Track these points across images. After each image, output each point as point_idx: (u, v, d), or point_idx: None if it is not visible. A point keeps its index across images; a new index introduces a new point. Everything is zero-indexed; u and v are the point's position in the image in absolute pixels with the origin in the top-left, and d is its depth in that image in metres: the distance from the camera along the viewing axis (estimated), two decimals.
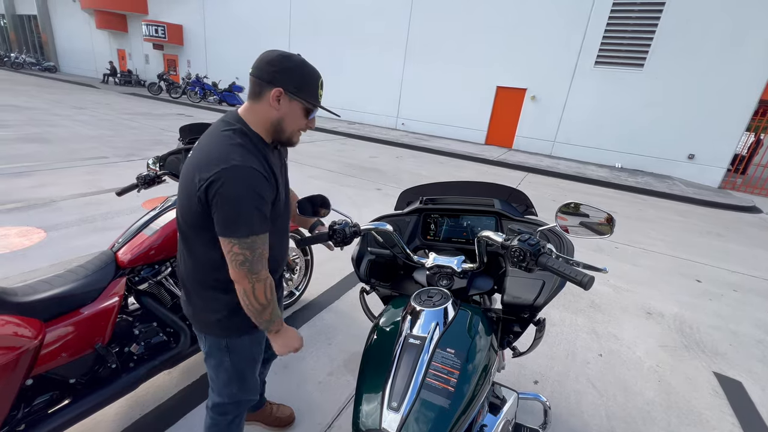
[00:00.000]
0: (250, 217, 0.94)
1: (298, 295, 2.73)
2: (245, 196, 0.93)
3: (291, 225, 1.37)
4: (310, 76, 1.03)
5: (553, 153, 11.73)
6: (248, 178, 0.94)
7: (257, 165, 0.97)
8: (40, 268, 2.79)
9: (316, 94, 1.05)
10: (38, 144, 6.52)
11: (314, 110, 1.08)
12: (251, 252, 0.96)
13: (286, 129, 1.06)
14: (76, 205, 4.08)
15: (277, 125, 1.05)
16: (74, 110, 10.84)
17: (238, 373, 1.23)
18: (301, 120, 1.07)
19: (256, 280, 0.99)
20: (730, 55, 9.01)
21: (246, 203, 0.94)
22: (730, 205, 7.71)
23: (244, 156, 0.96)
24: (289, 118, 1.05)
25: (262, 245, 0.99)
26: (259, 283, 1.00)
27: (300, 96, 1.02)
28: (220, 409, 1.28)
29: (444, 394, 0.86)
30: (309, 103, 1.04)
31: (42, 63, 24.93)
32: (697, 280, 3.93)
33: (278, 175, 1.07)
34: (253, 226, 0.95)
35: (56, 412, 1.33)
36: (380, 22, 13.51)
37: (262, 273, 1.00)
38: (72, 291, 1.37)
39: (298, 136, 1.11)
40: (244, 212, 0.94)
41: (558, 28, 10.73)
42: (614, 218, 1.02)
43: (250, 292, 1.00)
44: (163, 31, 18.99)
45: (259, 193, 0.95)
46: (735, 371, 2.53)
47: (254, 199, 0.94)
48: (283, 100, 1.01)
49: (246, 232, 0.95)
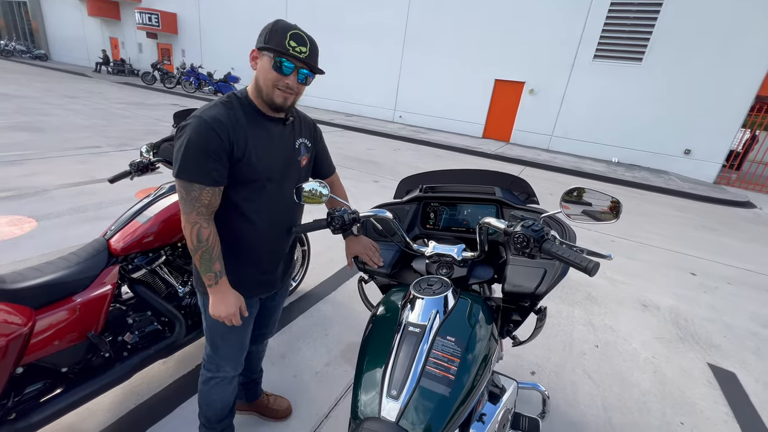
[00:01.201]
0: (186, 160, 1.01)
1: (295, 285, 2.71)
2: (188, 142, 1.00)
3: None
4: (279, 29, 1.02)
5: (551, 147, 11.72)
6: (197, 127, 1.00)
7: (220, 118, 1.02)
8: (31, 258, 2.74)
9: (283, 45, 1.00)
10: (29, 133, 6.39)
11: (283, 62, 1.02)
12: (185, 192, 1.03)
13: (262, 87, 1.07)
14: (68, 195, 4.01)
15: (257, 86, 1.08)
16: (66, 99, 10.64)
17: (209, 335, 1.30)
18: (270, 73, 1.04)
19: (186, 220, 1.06)
20: (728, 51, 9.00)
21: (186, 148, 1.00)
22: (725, 200, 7.77)
23: (213, 110, 1.04)
24: (261, 75, 1.06)
25: (198, 191, 1.03)
26: (187, 224, 1.06)
27: (266, 48, 1.02)
28: (204, 363, 1.37)
29: (444, 382, 0.85)
30: (271, 51, 1.01)
31: (32, 51, 24.38)
32: (692, 273, 3.95)
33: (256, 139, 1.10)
34: (186, 170, 1.01)
35: (48, 401, 1.30)
36: (378, 14, 13.33)
37: (190, 216, 1.05)
38: (63, 278, 1.34)
39: (279, 96, 1.07)
40: (182, 155, 1.01)
41: (557, 22, 10.65)
42: (620, 204, 1.00)
43: (184, 227, 1.07)
44: (157, 19, 18.61)
45: (201, 141, 1.00)
46: (729, 363, 2.55)
47: (195, 146, 1.00)
48: (258, 59, 1.05)
49: (178, 172, 1.01)
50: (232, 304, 1.15)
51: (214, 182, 1.04)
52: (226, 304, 1.14)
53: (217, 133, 1.01)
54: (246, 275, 1.22)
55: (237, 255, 1.19)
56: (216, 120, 1.02)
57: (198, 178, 1.02)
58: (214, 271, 1.10)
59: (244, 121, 1.08)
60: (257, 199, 1.15)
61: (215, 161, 1.02)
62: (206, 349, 1.35)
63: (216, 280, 1.11)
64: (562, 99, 11.17)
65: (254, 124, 1.10)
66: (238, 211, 1.14)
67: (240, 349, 1.35)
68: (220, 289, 1.13)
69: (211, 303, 1.14)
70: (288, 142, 1.22)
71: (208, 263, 1.09)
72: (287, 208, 1.25)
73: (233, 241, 1.17)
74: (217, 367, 1.34)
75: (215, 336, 1.29)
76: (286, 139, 1.21)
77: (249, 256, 1.21)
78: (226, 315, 1.14)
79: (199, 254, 1.08)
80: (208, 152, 1.01)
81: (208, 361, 1.35)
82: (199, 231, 1.06)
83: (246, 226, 1.16)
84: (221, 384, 1.37)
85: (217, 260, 1.10)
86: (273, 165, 1.15)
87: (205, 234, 1.07)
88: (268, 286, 1.32)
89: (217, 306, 1.14)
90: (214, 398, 1.38)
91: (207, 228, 1.07)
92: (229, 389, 1.40)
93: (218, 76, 16.40)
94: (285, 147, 1.20)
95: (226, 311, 1.14)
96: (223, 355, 1.32)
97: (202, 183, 1.02)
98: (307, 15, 14.80)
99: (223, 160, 1.04)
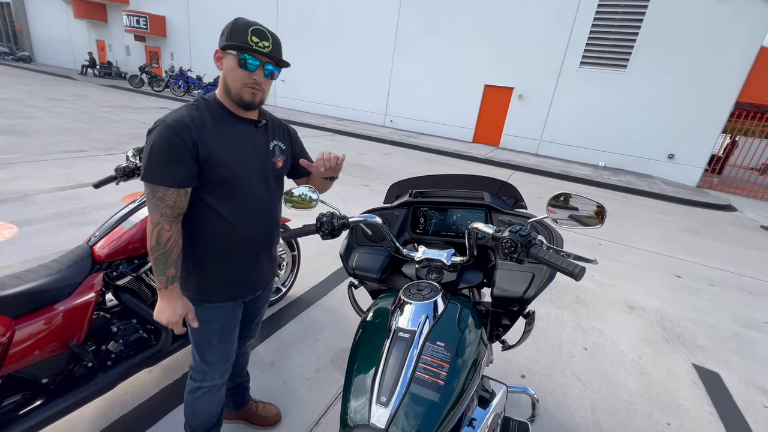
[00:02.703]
0: (150, 164, 1.02)
1: (284, 291, 2.69)
2: (152, 146, 1.01)
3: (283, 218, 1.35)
4: (239, 26, 1.03)
5: (539, 151, 11.89)
6: (162, 131, 1.01)
7: (184, 120, 1.03)
8: (12, 264, 2.66)
9: (246, 42, 1.02)
10: (11, 136, 6.24)
11: (248, 59, 1.04)
12: (151, 194, 1.04)
13: (230, 87, 1.08)
14: (52, 199, 3.91)
15: (225, 86, 1.09)
16: (50, 102, 10.42)
17: (195, 341, 1.28)
18: (237, 72, 1.05)
19: (150, 221, 1.06)
20: (709, 59, 9.29)
21: (150, 152, 1.01)
22: (707, 204, 7.97)
23: (177, 114, 1.05)
24: (228, 74, 1.07)
25: (163, 192, 1.03)
26: (150, 224, 1.06)
27: (230, 46, 1.03)
28: (191, 372, 1.36)
29: (434, 387, 0.85)
30: (235, 48, 1.02)
31: (16, 53, 23.88)
32: (676, 275, 4.04)
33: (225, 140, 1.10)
34: (151, 173, 1.02)
35: (27, 413, 1.26)
36: (369, 19, 13.41)
37: (153, 217, 1.05)
38: (44, 286, 1.30)
39: (247, 93, 1.08)
40: (147, 159, 1.02)
41: (545, 29, 10.86)
42: (605, 209, 1.02)
43: (147, 228, 1.08)
44: (145, 22, 18.40)
45: (163, 144, 1.01)
46: (713, 363, 2.61)
47: (158, 150, 1.01)
48: (223, 59, 1.07)
49: (143, 175, 1.03)
50: (178, 312, 1.14)
51: (179, 184, 1.04)
52: (172, 310, 1.13)
53: (180, 136, 1.01)
54: (229, 277, 1.22)
55: (217, 257, 1.19)
56: (179, 122, 1.03)
57: (161, 180, 1.02)
58: (167, 275, 1.09)
59: (211, 122, 1.08)
60: (232, 199, 1.15)
61: (179, 163, 1.02)
62: (193, 359, 1.33)
63: (167, 285, 1.10)
64: (550, 104, 11.37)
65: (223, 125, 1.11)
66: (215, 213, 1.14)
67: (227, 356, 1.33)
68: (169, 294, 1.12)
69: (158, 307, 1.13)
70: (261, 144, 1.21)
71: (162, 266, 1.08)
72: (265, 208, 1.24)
73: (212, 244, 1.17)
74: (204, 377, 1.32)
75: (202, 344, 1.27)
76: (259, 141, 1.21)
77: (230, 257, 1.20)
78: (167, 321, 1.13)
79: (156, 256, 1.07)
80: (171, 155, 1.01)
81: (195, 370, 1.34)
82: (159, 232, 1.05)
83: (222, 227, 1.16)
84: (208, 394, 1.35)
85: (172, 265, 1.09)
86: (245, 165, 1.15)
87: (165, 236, 1.06)
88: (251, 287, 1.31)
89: (162, 311, 1.12)
90: (201, 408, 1.36)
91: (169, 231, 1.06)
92: (216, 398, 1.38)
93: (207, 79, 16.27)
94: (258, 148, 1.20)
95: (168, 318, 1.13)
96: (210, 363, 1.30)
97: (165, 185, 1.02)
98: (297, 20, 14.82)
99: (188, 162, 1.04)
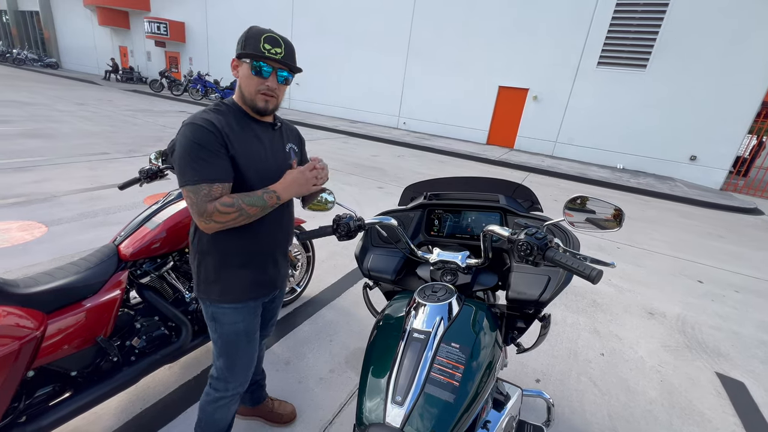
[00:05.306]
0: (186, 165, 1.02)
1: (299, 291, 2.73)
2: (186, 147, 1.02)
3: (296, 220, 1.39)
4: (253, 34, 1.06)
5: (555, 153, 11.71)
6: (193, 130, 1.02)
7: (212, 120, 1.05)
8: (41, 263, 2.79)
9: (259, 49, 1.05)
10: (40, 139, 6.51)
11: (262, 66, 1.07)
12: (195, 196, 1.02)
13: (245, 93, 1.12)
14: (78, 200, 4.07)
15: (242, 93, 1.13)
16: (76, 106, 10.83)
17: (222, 346, 1.27)
18: (252, 80, 1.08)
19: (205, 218, 1.03)
20: (733, 57, 8.99)
21: (184, 154, 1.02)
22: (732, 207, 7.69)
23: (204, 115, 1.07)
24: (243, 82, 1.11)
25: (208, 188, 1.02)
26: (209, 217, 1.03)
27: (244, 55, 1.06)
28: (212, 381, 1.33)
29: (449, 388, 0.86)
30: (249, 56, 1.05)
31: (44, 59, 24.89)
32: (699, 281, 3.92)
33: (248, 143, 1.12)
34: (191, 175, 1.01)
35: (57, 405, 1.32)
36: (382, 21, 13.48)
37: (208, 207, 1.02)
38: (74, 283, 1.37)
39: (261, 99, 1.11)
40: (182, 162, 1.02)
41: (561, 29, 10.71)
42: (623, 212, 1.01)
43: (207, 226, 1.05)
44: (165, 28, 18.97)
45: (197, 142, 1.01)
46: (737, 372, 2.52)
47: (193, 149, 1.01)
48: (239, 68, 1.11)
49: (183, 181, 1.02)
50: (299, 173, 1.13)
51: (223, 176, 1.05)
52: (296, 180, 1.13)
53: (211, 132, 1.03)
54: (250, 278, 1.23)
55: (240, 257, 1.20)
56: (207, 121, 1.05)
57: (205, 177, 1.02)
58: (261, 196, 1.08)
59: (236, 125, 1.11)
60: None
61: (217, 156, 1.04)
62: (215, 368, 1.31)
63: (272, 193, 1.10)
64: (566, 105, 11.19)
65: (245, 128, 1.14)
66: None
67: (252, 359, 1.34)
68: (281, 185, 1.12)
69: (292, 191, 1.13)
70: (279, 146, 1.24)
71: (254, 200, 1.07)
72: (282, 209, 1.25)
73: (235, 244, 1.18)
74: (226, 386, 1.31)
75: (229, 347, 1.27)
76: (277, 143, 1.24)
77: (251, 259, 1.22)
78: (306, 182, 1.14)
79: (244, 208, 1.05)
80: (208, 151, 1.02)
81: (218, 379, 1.32)
82: (222, 204, 1.03)
83: (244, 227, 1.14)
84: (229, 404, 1.35)
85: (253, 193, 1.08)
86: (267, 167, 1.17)
87: (227, 200, 1.04)
88: (271, 287, 1.32)
89: (297, 185, 1.13)
90: (219, 417, 1.36)
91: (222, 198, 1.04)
92: (234, 408, 1.39)
93: (225, 83, 16.63)
94: (276, 150, 1.23)
95: (304, 184, 1.14)
96: (236, 368, 1.30)
97: (210, 180, 1.02)
98: (312, 24, 15.01)
99: (224, 155, 1.05)
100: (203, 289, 1.21)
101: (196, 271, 1.22)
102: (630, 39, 9.99)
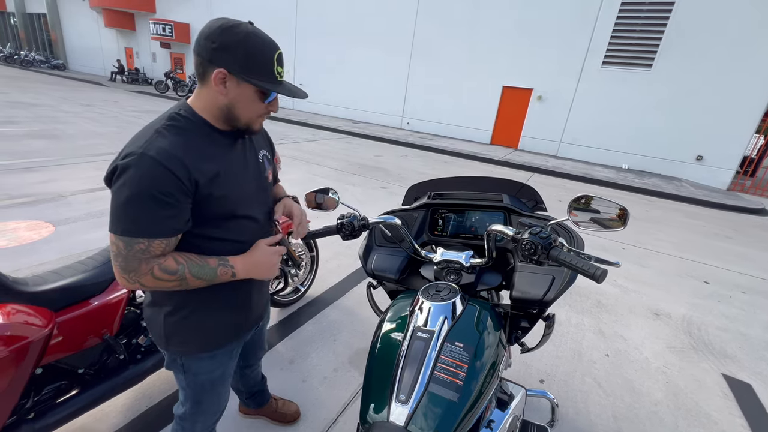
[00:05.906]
0: (126, 213, 0.80)
1: (303, 291, 2.74)
2: (137, 195, 0.78)
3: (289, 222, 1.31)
4: (260, 52, 0.84)
5: (559, 153, 11.65)
6: (148, 175, 0.78)
7: (173, 152, 0.81)
8: (49, 261, 2.82)
9: (272, 73, 0.86)
10: (46, 140, 6.58)
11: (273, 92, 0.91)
12: (125, 248, 0.80)
13: (240, 116, 0.90)
14: (85, 200, 4.11)
15: (228, 112, 0.89)
16: (82, 107, 10.94)
17: (197, 395, 1.14)
18: (256, 105, 0.90)
19: (137, 275, 0.82)
20: (740, 57, 8.90)
21: (128, 198, 0.78)
22: (739, 207, 7.62)
23: (161, 142, 0.81)
24: (241, 104, 0.88)
25: (147, 244, 0.81)
26: (137, 278, 0.83)
27: (250, 77, 0.84)
28: (178, 420, 1.21)
29: (453, 387, 0.86)
30: (262, 84, 0.85)
31: (51, 61, 25.16)
32: (705, 281, 3.88)
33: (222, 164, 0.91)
34: (127, 225, 0.80)
35: (65, 402, 1.33)
36: (386, 22, 13.49)
37: (141, 267, 0.82)
38: (82, 282, 1.38)
39: (259, 122, 0.95)
40: (122, 207, 0.79)
41: (565, 28, 10.66)
42: (628, 211, 1.00)
43: (149, 288, 0.86)
44: (171, 29, 19.10)
45: (153, 193, 0.78)
46: (744, 374, 2.49)
47: (145, 199, 0.78)
48: (230, 83, 0.84)
49: (114, 227, 0.81)
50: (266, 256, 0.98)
51: (170, 232, 0.83)
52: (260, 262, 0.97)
53: (176, 178, 0.80)
54: (235, 317, 1.10)
55: (221, 299, 1.03)
56: (172, 158, 0.80)
57: (145, 232, 0.80)
58: (214, 269, 0.90)
59: (204, 146, 0.88)
60: (234, 230, 0.97)
61: (172, 208, 0.81)
62: (182, 407, 1.18)
63: (230, 268, 0.92)
64: (571, 105, 11.13)
65: (214, 145, 0.91)
66: (217, 247, 0.95)
67: (225, 400, 1.24)
68: (242, 262, 0.95)
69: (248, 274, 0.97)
70: (252, 159, 1.03)
71: (204, 272, 0.89)
72: (262, 230, 1.07)
73: (217, 289, 0.97)
74: (193, 427, 1.19)
75: (200, 393, 1.13)
76: (249, 155, 1.03)
77: (235, 295, 1.05)
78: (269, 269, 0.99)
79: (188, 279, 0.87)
80: (164, 203, 0.80)
81: (183, 418, 1.18)
82: (162, 269, 0.84)
83: None
84: None
85: (205, 262, 0.89)
86: (244, 191, 0.98)
87: (171, 265, 0.85)
88: (257, 319, 1.21)
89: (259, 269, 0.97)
90: None
91: (166, 259, 0.85)
92: None
93: None
94: (250, 165, 1.02)
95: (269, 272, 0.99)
96: (207, 411, 1.18)
97: (152, 236, 0.81)
98: (316, 24, 15.05)
99: (182, 203, 0.83)
100: (175, 343, 1.02)
101: (162, 324, 1.00)
102: (635, 39, 9.92)
